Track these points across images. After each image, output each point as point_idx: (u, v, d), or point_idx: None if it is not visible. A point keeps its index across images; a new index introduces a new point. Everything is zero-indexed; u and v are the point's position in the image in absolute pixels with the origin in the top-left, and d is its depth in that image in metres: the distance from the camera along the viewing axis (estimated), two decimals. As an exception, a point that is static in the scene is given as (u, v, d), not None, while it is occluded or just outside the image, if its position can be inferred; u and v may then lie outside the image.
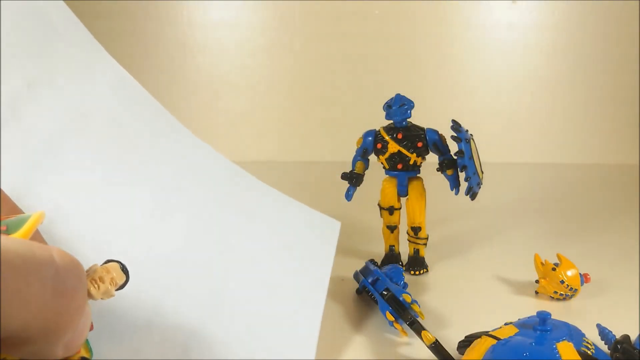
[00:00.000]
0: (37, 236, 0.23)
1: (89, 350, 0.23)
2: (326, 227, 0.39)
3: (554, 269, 0.47)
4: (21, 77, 0.27)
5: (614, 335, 0.36)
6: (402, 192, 0.52)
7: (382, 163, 0.52)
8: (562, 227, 0.67)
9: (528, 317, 0.36)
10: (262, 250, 0.33)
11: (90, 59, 0.30)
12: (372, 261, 0.49)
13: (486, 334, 0.34)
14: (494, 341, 0.33)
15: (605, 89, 1.04)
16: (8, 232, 0.19)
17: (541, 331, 0.33)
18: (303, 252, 0.35)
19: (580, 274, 0.47)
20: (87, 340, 0.22)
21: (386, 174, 0.53)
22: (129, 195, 0.29)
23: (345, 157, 0.56)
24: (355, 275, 0.47)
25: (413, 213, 0.52)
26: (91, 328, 0.22)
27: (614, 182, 0.90)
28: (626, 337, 0.35)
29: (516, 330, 0.34)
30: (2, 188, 0.23)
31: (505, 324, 0.36)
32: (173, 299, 0.27)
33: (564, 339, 0.32)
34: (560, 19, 1.02)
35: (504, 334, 0.34)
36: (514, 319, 0.37)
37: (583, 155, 1.02)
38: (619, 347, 0.34)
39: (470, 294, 0.49)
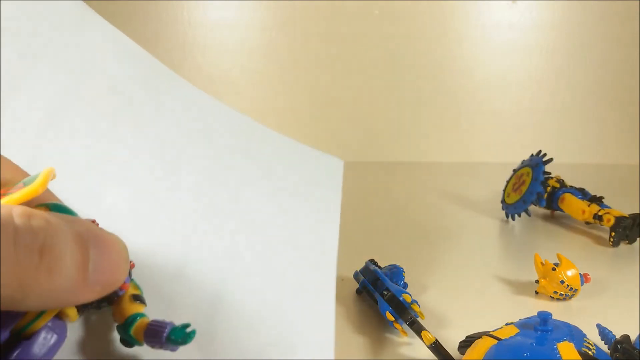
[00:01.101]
0: (50, 196, 0.23)
1: (138, 287, 0.23)
2: (329, 167, 0.37)
3: (554, 269, 0.47)
4: (17, 50, 0.27)
5: (614, 335, 0.36)
6: None
7: None
8: (562, 227, 0.67)
9: (529, 317, 0.36)
10: (270, 202, 0.32)
11: (83, 24, 0.30)
12: (372, 261, 0.49)
13: (487, 334, 0.34)
14: (495, 341, 0.33)
15: (605, 89, 1.04)
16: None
17: (542, 331, 0.33)
18: (309, 197, 0.34)
19: (580, 274, 0.47)
20: (133, 279, 0.23)
21: None
22: (135, 155, 0.29)
23: (345, 157, 0.55)
24: (355, 275, 0.47)
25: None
26: (132, 266, 0.22)
27: (614, 182, 0.90)
28: (626, 337, 0.35)
29: (517, 330, 0.34)
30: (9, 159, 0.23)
31: (506, 324, 0.36)
32: (179, 253, 0.27)
33: (565, 339, 0.32)
34: (560, 19, 1.02)
35: (504, 334, 0.34)
36: (515, 319, 0.37)
37: (583, 155, 1.02)
38: (619, 347, 0.34)
39: (470, 294, 0.49)
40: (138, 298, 0.22)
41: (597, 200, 0.64)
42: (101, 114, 0.29)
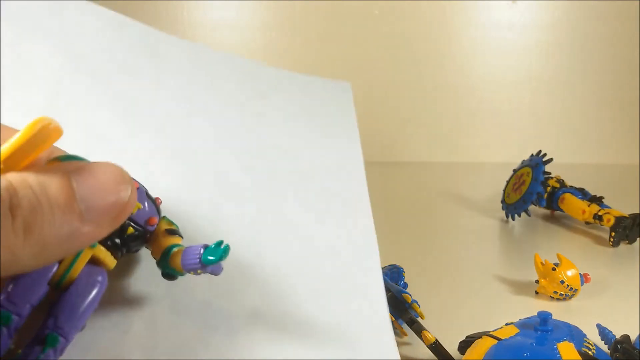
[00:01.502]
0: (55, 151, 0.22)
1: (172, 223, 0.22)
2: (338, 93, 0.36)
3: (554, 269, 0.47)
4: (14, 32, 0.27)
5: (614, 335, 0.36)
6: None
7: None
8: (562, 227, 0.67)
9: (529, 317, 0.36)
10: (290, 136, 0.31)
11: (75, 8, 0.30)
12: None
13: (487, 334, 0.34)
14: (495, 341, 0.33)
15: (605, 89, 1.04)
16: None
17: (542, 331, 0.33)
18: (323, 126, 0.33)
19: (580, 274, 0.47)
20: (165, 216, 0.22)
21: None
22: (141, 117, 0.28)
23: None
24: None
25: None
26: (159, 202, 0.22)
27: (614, 182, 0.90)
28: (626, 337, 0.35)
29: (517, 330, 0.34)
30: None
31: (506, 324, 0.36)
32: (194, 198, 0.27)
33: (565, 340, 0.32)
34: (560, 19, 1.02)
35: (504, 334, 0.34)
36: (515, 319, 0.37)
37: (583, 155, 1.02)
38: (619, 347, 0.34)
39: (470, 294, 0.49)
40: (173, 232, 0.22)
41: (597, 200, 0.64)
42: (103, 83, 0.29)
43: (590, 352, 0.32)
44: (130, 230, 0.21)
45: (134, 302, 0.23)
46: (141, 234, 0.21)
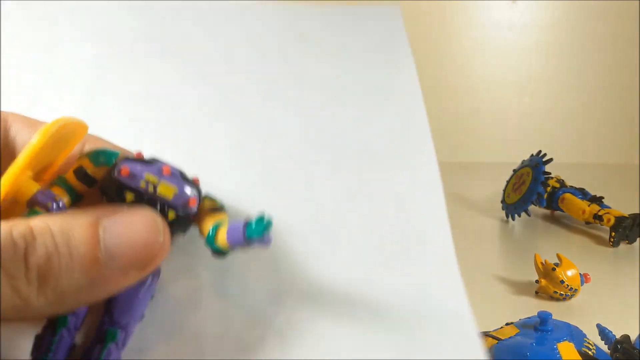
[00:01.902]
0: (98, 143, 0.21)
1: (214, 199, 0.22)
2: (386, 21, 0.33)
3: (554, 269, 0.47)
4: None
5: (614, 335, 0.36)
6: None
7: None
8: (562, 227, 0.67)
9: (529, 317, 0.36)
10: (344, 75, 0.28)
11: None
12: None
13: (487, 334, 0.35)
14: (495, 341, 0.33)
15: (605, 88, 1.04)
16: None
17: (542, 331, 0.33)
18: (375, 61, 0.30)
19: (580, 274, 0.47)
20: (207, 194, 0.22)
21: None
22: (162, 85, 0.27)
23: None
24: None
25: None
26: (196, 181, 0.21)
27: (614, 182, 0.90)
28: (626, 337, 0.35)
29: (517, 330, 0.34)
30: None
31: (506, 324, 0.36)
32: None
33: (565, 339, 0.32)
34: (560, 19, 1.02)
35: (504, 334, 0.34)
36: (515, 319, 0.37)
37: (583, 155, 1.02)
38: (619, 347, 0.34)
39: (470, 294, 0.49)
40: (216, 209, 0.21)
41: (597, 200, 0.64)
42: (135, 61, 0.28)
43: (590, 352, 0.32)
44: (171, 215, 0.20)
45: (199, 278, 0.23)
46: (183, 218, 0.20)
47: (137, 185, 0.19)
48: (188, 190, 0.20)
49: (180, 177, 0.20)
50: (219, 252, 0.20)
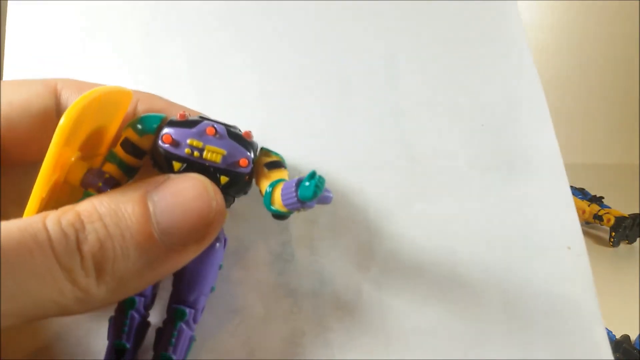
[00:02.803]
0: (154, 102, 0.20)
1: (270, 153, 0.20)
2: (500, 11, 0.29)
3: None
4: None
5: (614, 335, 0.36)
6: None
7: None
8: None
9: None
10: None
11: None
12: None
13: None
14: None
15: (605, 89, 1.04)
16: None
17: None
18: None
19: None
20: (263, 147, 0.20)
21: None
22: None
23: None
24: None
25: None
26: (248, 136, 0.19)
27: (614, 182, 0.90)
28: (626, 337, 0.35)
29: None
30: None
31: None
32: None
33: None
34: (560, 20, 1.02)
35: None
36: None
37: (583, 156, 1.02)
38: (619, 347, 0.34)
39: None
40: (273, 165, 0.19)
41: (597, 200, 0.64)
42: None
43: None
44: (224, 179, 0.18)
45: (288, 232, 0.22)
46: (237, 179, 0.18)
47: (182, 153, 0.18)
48: (237, 149, 0.18)
49: (228, 136, 0.18)
50: (277, 215, 0.18)
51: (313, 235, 0.22)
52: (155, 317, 0.19)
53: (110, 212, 0.16)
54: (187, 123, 0.18)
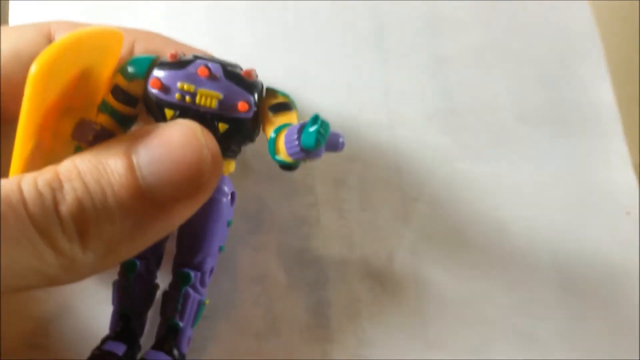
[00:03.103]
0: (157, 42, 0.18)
1: (276, 93, 0.17)
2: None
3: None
4: None
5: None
6: None
7: None
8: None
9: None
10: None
11: None
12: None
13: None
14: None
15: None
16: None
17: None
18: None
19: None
20: (270, 87, 0.17)
21: None
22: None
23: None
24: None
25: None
26: (249, 76, 0.17)
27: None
28: None
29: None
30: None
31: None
32: None
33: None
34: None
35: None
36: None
37: None
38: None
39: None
40: (277, 108, 0.17)
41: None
42: None
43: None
44: (222, 126, 0.16)
45: (314, 193, 0.20)
46: (238, 127, 0.16)
47: (173, 99, 0.16)
48: (236, 91, 0.16)
49: (225, 76, 0.16)
50: (284, 166, 0.16)
51: (341, 197, 0.20)
52: (166, 280, 0.18)
53: (91, 168, 0.14)
54: (178, 64, 0.16)
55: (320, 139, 0.15)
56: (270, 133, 0.16)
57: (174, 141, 0.15)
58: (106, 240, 0.14)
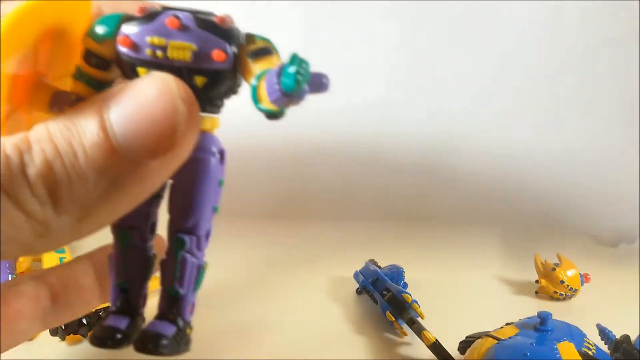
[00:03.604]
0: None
1: (257, 38, 0.16)
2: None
3: (553, 269, 0.47)
4: None
5: (614, 335, 0.36)
6: None
7: None
8: (562, 227, 0.67)
9: (529, 318, 0.36)
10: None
11: None
12: (372, 261, 0.49)
13: (487, 334, 0.34)
14: (495, 341, 0.33)
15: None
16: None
17: (542, 331, 0.33)
18: None
19: (580, 274, 0.47)
20: (248, 34, 0.16)
21: None
22: None
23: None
24: (355, 276, 0.47)
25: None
26: (222, 22, 0.15)
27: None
28: (626, 337, 0.35)
29: (517, 330, 0.34)
30: None
31: (506, 324, 0.36)
32: None
33: (565, 340, 0.32)
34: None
35: (504, 334, 0.34)
36: (515, 319, 0.37)
37: (583, 155, 1.02)
38: (619, 347, 0.34)
39: (470, 294, 0.49)
40: (256, 54, 0.15)
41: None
42: None
43: (590, 352, 0.32)
44: (200, 80, 0.15)
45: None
46: (216, 78, 0.15)
47: (144, 56, 0.15)
48: (210, 40, 0.15)
49: (197, 25, 0.15)
50: (268, 114, 0.15)
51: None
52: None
53: (62, 129, 0.14)
54: (146, 18, 0.15)
55: (299, 80, 0.14)
56: (252, 81, 0.15)
57: (146, 95, 0.14)
58: (81, 202, 0.14)
